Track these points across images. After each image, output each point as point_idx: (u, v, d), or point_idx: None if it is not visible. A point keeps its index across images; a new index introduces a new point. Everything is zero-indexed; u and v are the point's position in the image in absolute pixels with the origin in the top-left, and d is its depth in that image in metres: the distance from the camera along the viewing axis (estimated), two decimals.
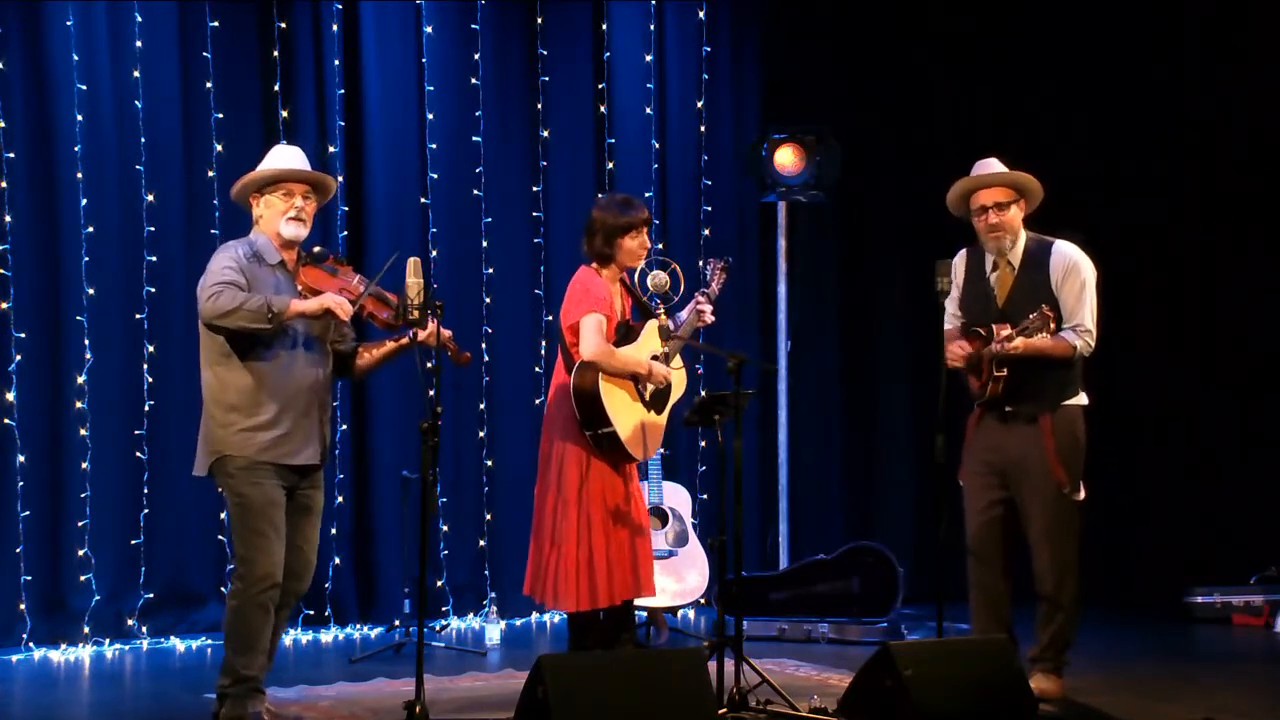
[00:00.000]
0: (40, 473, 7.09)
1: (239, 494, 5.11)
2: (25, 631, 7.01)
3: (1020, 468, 5.77)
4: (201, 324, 5.12)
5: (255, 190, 5.27)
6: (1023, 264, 5.82)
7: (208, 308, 5.03)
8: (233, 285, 5.04)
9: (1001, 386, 5.69)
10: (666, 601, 7.06)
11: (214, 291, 5.02)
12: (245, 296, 5.01)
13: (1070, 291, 5.72)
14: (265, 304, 5.00)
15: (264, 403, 5.12)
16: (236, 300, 5.00)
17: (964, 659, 5.20)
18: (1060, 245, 5.81)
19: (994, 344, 5.62)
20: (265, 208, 5.25)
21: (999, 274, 5.85)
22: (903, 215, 9.11)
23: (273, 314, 5.00)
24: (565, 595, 5.59)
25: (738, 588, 5.57)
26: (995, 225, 5.78)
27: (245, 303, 4.99)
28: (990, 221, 5.79)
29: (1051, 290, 5.72)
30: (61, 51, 7.17)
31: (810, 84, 9.07)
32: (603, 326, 5.57)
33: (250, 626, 5.09)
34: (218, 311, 5.00)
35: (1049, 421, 5.72)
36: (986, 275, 5.87)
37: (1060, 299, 5.71)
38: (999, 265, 5.84)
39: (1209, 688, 6.05)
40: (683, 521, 7.28)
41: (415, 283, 5.05)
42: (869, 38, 9.12)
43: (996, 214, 5.77)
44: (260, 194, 5.26)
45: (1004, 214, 5.77)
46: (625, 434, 5.58)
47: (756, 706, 5.29)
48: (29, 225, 7.10)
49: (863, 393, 9.25)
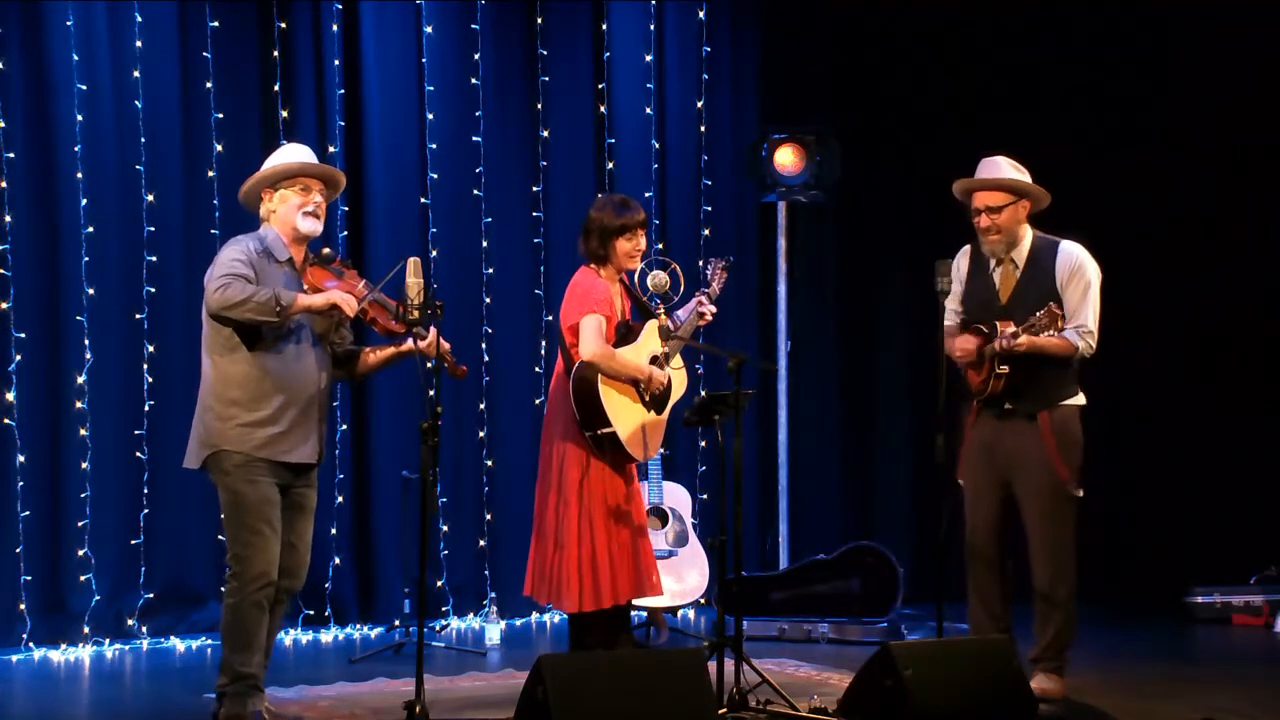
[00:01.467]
0: (40, 473, 7.09)
1: (234, 491, 5.11)
2: (25, 631, 7.01)
3: (1018, 465, 5.78)
4: (207, 315, 5.12)
5: (269, 185, 5.27)
6: (1028, 262, 5.83)
7: (216, 299, 5.02)
8: (241, 278, 5.04)
9: (1003, 384, 5.69)
10: (666, 601, 7.06)
11: (223, 283, 5.02)
12: (254, 289, 5.02)
13: (1074, 292, 5.73)
14: (274, 297, 5.00)
15: (265, 398, 5.12)
16: (245, 291, 5.00)
17: (964, 659, 5.20)
18: (1066, 245, 5.81)
19: (999, 340, 5.61)
20: (279, 203, 5.25)
21: (1002, 271, 5.86)
22: (903, 215, 9.11)
23: (281, 307, 5.00)
24: (567, 596, 5.59)
25: (738, 588, 5.57)
26: (987, 228, 5.81)
27: (254, 295, 4.99)
28: (983, 224, 5.82)
29: (1056, 289, 5.73)
30: (61, 51, 7.17)
31: (810, 84, 9.07)
32: (603, 327, 5.57)
33: (247, 625, 5.09)
34: (227, 302, 5.00)
35: (1048, 419, 5.73)
36: (990, 272, 5.88)
37: (1064, 299, 5.71)
38: (1002, 262, 5.85)
39: (1209, 688, 6.06)
40: (683, 521, 7.28)
41: (415, 283, 5.06)
42: (869, 38, 9.11)
43: (989, 217, 5.79)
44: (274, 189, 5.26)
45: (996, 218, 5.78)
46: (625, 434, 5.58)
47: (756, 706, 5.29)
48: (29, 225, 7.11)
49: (863, 393, 9.25)
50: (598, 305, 5.59)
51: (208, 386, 5.19)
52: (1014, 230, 5.81)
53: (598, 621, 5.65)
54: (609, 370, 5.56)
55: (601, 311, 5.58)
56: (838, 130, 8.42)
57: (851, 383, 9.22)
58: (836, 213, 8.98)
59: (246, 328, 5.07)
